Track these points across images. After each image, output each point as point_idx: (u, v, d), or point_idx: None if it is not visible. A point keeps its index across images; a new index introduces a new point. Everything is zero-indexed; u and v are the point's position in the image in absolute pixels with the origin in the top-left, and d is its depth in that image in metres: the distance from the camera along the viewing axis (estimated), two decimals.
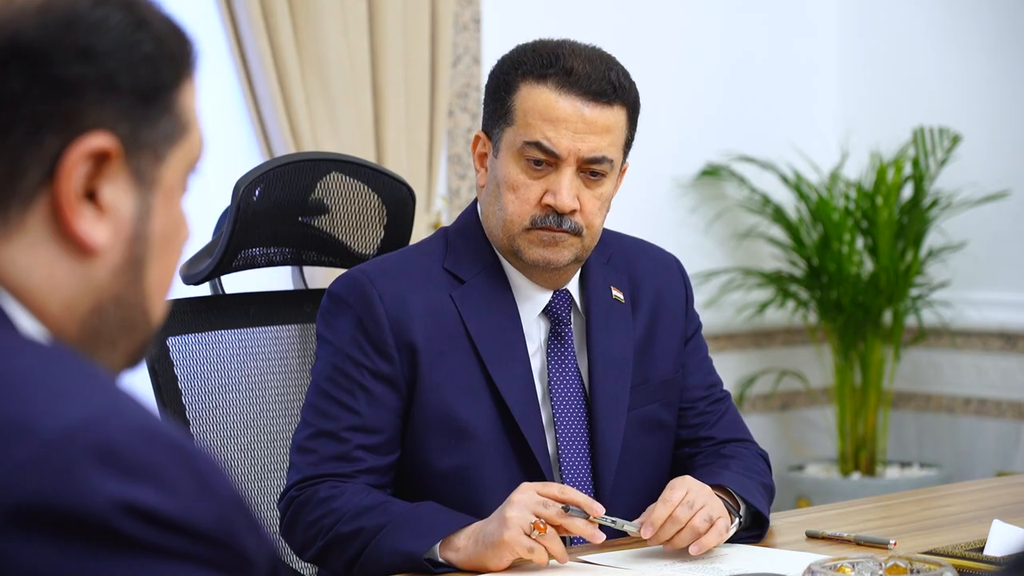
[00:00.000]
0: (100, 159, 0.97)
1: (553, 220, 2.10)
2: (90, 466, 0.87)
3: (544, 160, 2.10)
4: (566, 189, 2.09)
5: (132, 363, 1.06)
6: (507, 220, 2.13)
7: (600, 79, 2.10)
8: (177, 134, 1.02)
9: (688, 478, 2.06)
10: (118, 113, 0.98)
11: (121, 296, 1.01)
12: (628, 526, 1.99)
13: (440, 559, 1.97)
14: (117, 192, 0.99)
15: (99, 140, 0.97)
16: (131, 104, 0.99)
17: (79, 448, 0.87)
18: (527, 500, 1.93)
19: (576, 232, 2.11)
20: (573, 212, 2.10)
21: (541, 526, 1.91)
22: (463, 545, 1.96)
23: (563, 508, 1.93)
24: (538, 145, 2.09)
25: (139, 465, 0.88)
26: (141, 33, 0.99)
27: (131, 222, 1.00)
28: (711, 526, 2.00)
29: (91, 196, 0.98)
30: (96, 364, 0.97)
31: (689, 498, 2.01)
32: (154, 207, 1.01)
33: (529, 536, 1.91)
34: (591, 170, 2.11)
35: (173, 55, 1.02)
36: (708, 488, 2.05)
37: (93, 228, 0.98)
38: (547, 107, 2.09)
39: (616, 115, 2.12)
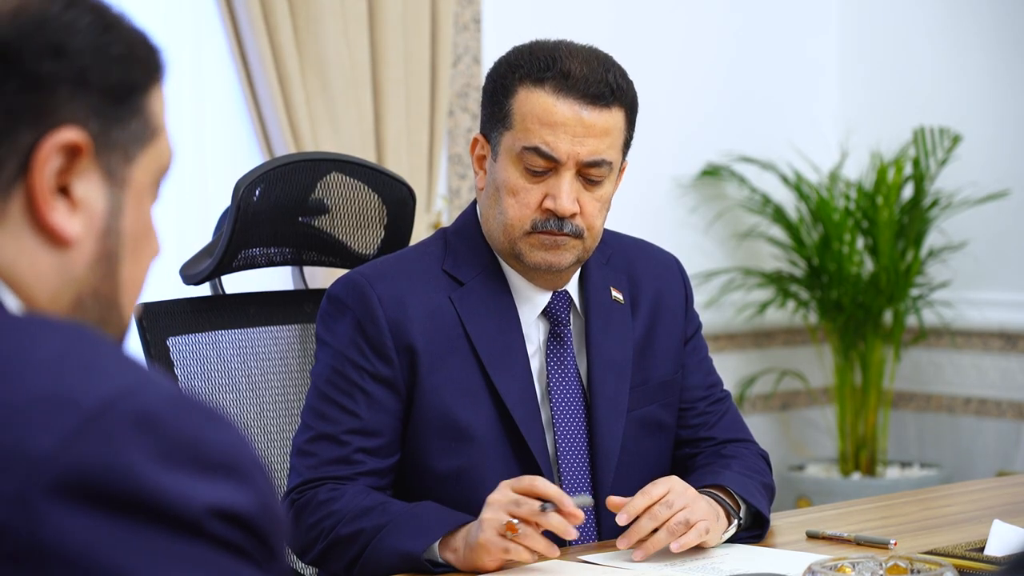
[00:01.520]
0: (72, 154, 1.02)
1: (554, 224, 2.10)
2: (130, 435, 0.91)
3: (543, 165, 2.10)
4: (566, 193, 2.09)
5: None
6: (508, 224, 2.12)
7: (598, 81, 2.09)
8: (147, 137, 1.07)
9: (674, 478, 2.05)
10: (89, 110, 1.03)
11: (98, 290, 1.05)
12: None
13: (440, 559, 1.97)
14: (89, 187, 1.03)
15: (70, 134, 1.01)
16: (102, 102, 1.03)
17: (118, 418, 0.91)
18: (501, 499, 1.92)
19: (577, 235, 2.11)
20: (573, 215, 2.10)
21: (514, 525, 1.89)
22: (459, 546, 1.96)
23: (540, 507, 1.91)
24: (537, 150, 2.09)
25: (177, 436, 0.93)
26: (110, 35, 1.04)
27: (103, 217, 1.04)
28: (689, 528, 1.99)
29: (64, 191, 1.02)
30: (112, 340, 1.02)
31: (669, 498, 2.00)
32: (125, 205, 1.06)
33: (505, 536, 1.90)
34: (590, 173, 2.11)
35: (142, 59, 1.07)
36: (693, 491, 2.04)
37: (66, 220, 1.02)
38: (545, 111, 2.09)
39: (614, 117, 2.11)
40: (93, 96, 1.03)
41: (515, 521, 1.89)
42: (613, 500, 2.03)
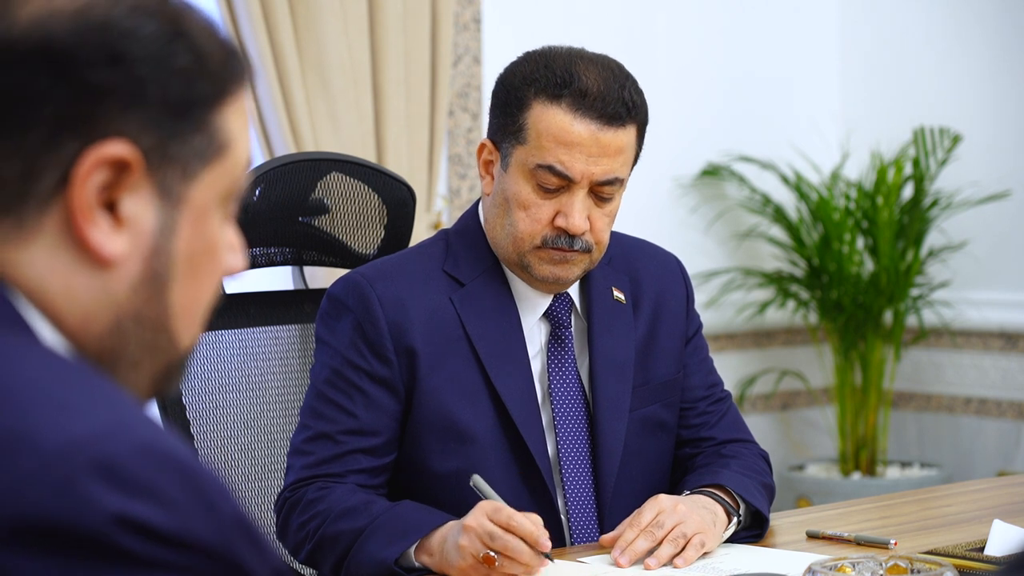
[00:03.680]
0: (120, 168, 0.96)
1: (564, 241, 2.09)
2: (91, 482, 0.86)
3: (557, 183, 2.09)
4: (578, 212, 2.08)
5: (158, 388, 1.03)
6: (517, 237, 2.12)
7: (615, 100, 2.06)
8: (212, 153, 1.00)
9: (661, 497, 2.04)
10: (144, 123, 0.96)
11: (141, 313, 0.99)
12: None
13: (416, 564, 1.96)
14: (138, 204, 0.97)
15: (116, 148, 0.95)
16: (159, 116, 0.97)
17: (80, 463, 0.86)
18: (478, 529, 1.88)
19: (586, 250, 2.11)
20: (584, 232, 2.10)
21: (491, 557, 1.87)
22: (435, 551, 1.94)
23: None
24: (551, 168, 2.07)
25: (139, 482, 0.87)
26: (177, 45, 0.98)
27: (151, 236, 0.98)
28: (687, 542, 1.99)
29: (112, 207, 0.96)
30: (106, 377, 0.96)
31: (660, 519, 2.00)
32: (179, 224, 0.99)
33: (482, 561, 1.88)
34: (602, 191, 2.10)
35: (213, 72, 1.00)
36: (683, 506, 2.03)
37: (108, 239, 0.96)
38: (561, 130, 2.07)
39: (628, 135, 2.10)
40: (150, 109, 0.96)
41: (492, 553, 1.87)
42: (605, 538, 2.02)
